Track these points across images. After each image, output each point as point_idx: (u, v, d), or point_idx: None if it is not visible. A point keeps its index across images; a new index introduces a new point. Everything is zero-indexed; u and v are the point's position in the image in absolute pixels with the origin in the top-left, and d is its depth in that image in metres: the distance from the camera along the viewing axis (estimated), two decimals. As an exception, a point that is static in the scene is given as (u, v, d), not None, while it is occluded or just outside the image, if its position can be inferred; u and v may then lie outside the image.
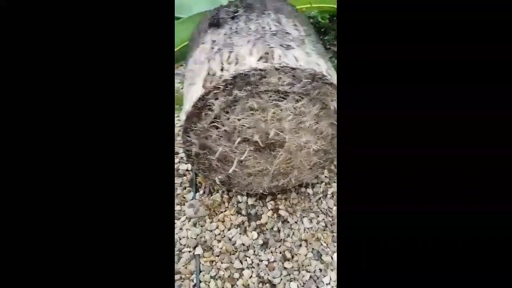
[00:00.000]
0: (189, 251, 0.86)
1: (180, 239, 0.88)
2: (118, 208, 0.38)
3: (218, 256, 0.85)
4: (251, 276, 0.82)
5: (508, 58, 0.31)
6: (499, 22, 0.31)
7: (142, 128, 0.39)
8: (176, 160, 1.04)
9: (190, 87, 0.73)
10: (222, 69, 0.67)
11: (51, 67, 0.36)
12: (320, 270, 0.83)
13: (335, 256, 0.86)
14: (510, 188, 0.31)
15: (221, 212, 0.93)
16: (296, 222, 0.91)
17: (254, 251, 0.86)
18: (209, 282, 0.81)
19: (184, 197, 0.96)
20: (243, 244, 0.87)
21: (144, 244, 0.39)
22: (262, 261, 0.85)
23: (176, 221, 0.92)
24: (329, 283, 0.81)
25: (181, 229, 0.90)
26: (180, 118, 0.74)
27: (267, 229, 0.90)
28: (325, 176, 1.00)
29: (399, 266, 0.32)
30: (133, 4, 0.40)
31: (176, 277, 0.81)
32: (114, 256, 0.38)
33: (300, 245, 0.87)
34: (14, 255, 0.34)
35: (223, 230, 0.89)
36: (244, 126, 0.72)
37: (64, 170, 0.36)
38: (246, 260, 0.85)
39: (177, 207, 0.94)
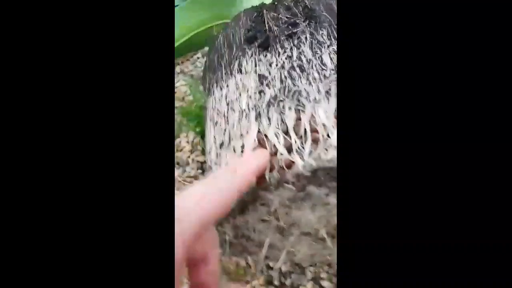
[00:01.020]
0: None
1: (194, 323, 0.67)
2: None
3: None
4: None
5: (508, 58, 0.31)
6: (499, 21, 0.31)
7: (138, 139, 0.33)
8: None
9: (219, 147, 0.48)
10: (290, 151, 0.41)
11: (42, 59, 0.32)
12: None
13: None
14: (510, 188, 0.30)
15: (247, 281, 0.72)
16: (343, 300, 0.71)
17: None
18: None
19: (197, 258, 0.74)
20: (279, 333, 0.67)
21: None
22: None
23: (187, 294, 0.70)
24: None
25: (195, 308, 0.69)
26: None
27: (307, 310, 0.70)
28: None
29: (400, 273, 0.32)
30: None
31: None
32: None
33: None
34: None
35: (251, 311, 0.69)
36: (311, 220, 0.48)
37: (49, 191, 0.32)
38: None
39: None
